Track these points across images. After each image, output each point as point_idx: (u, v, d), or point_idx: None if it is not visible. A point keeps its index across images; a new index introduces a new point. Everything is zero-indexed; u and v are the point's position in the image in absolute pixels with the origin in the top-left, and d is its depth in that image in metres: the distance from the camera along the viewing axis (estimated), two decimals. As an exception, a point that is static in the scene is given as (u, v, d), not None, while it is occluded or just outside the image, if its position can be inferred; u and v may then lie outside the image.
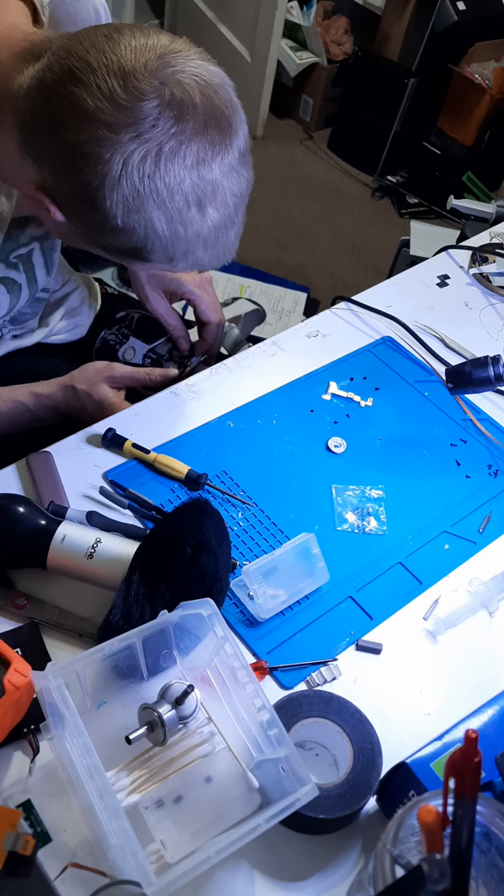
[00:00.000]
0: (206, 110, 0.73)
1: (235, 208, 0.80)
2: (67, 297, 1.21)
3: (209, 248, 0.81)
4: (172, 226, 0.77)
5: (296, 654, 0.85)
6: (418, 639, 0.88)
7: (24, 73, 0.76)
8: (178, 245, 0.79)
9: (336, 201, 3.13)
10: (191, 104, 0.72)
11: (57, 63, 0.73)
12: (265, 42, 2.99)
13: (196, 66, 0.74)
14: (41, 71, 0.74)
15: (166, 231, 0.77)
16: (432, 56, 2.97)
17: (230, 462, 1.01)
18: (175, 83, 0.72)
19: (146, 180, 0.73)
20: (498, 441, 1.09)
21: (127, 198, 0.74)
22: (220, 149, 0.75)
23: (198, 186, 0.75)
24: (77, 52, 0.72)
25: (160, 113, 0.71)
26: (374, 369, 1.16)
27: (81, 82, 0.71)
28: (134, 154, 0.72)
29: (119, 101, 0.71)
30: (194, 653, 0.80)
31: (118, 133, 0.71)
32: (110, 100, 0.71)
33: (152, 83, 0.71)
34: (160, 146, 0.72)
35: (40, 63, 0.75)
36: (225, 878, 0.70)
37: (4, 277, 1.01)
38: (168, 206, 0.75)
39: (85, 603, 0.85)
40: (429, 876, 0.51)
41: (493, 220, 2.27)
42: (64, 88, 0.72)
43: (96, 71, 0.71)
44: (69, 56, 0.72)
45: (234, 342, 1.29)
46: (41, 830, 0.70)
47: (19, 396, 1.05)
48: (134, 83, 0.71)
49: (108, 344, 1.22)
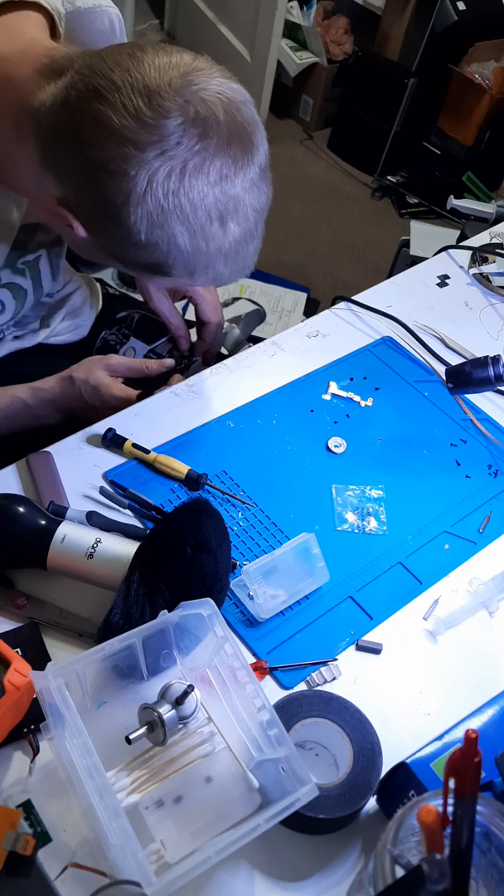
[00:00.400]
0: (230, 127, 0.75)
1: (255, 223, 0.81)
2: (69, 298, 1.21)
3: (229, 263, 0.82)
4: (195, 241, 0.78)
5: (296, 654, 0.85)
6: (418, 639, 0.88)
7: (45, 89, 0.77)
8: (200, 260, 0.80)
9: (336, 201, 3.13)
10: (214, 121, 0.74)
11: (81, 81, 0.74)
12: (265, 42, 2.99)
13: (219, 84, 0.75)
14: (65, 89, 0.75)
15: (188, 246, 0.78)
16: (432, 56, 2.97)
17: (230, 462, 1.01)
18: (199, 101, 0.73)
19: (170, 196, 0.74)
20: (498, 441, 1.09)
21: (151, 214, 0.75)
22: (243, 165, 0.76)
23: (220, 202, 0.76)
24: (101, 71, 0.73)
25: (185, 130, 0.72)
26: (374, 369, 1.16)
27: (106, 100, 0.72)
28: (159, 171, 0.73)
29: (144, 119, 0.72)
30: (194, 653, 0.80)
31: (143, 151, 0.72)
32: (135, 117, 0.72)
33: (177, 101, 0.72)
34: (185, 163, 0.73)
35: (63, 80, 0.76)
36: (225, 878, 0.70)
37: (10, 283, 1.01)
38: (191, 222, 0.76)
39: (85, 603, 0.85)
40: (429, 876, 0.51)
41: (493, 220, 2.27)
42: (89, 106, 0.73)
43: (121, 89, 0.72)
44: (93, 74, 0.73)
45: (235, 342, 1.29)
46: (41, 830, 0.70)
47: (17, 392, 1.05)
48: (159, 101, 0.72)
49: (109, 344, 1.22)
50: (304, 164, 3.26)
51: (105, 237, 0.81)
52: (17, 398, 1.05)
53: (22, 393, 1.05)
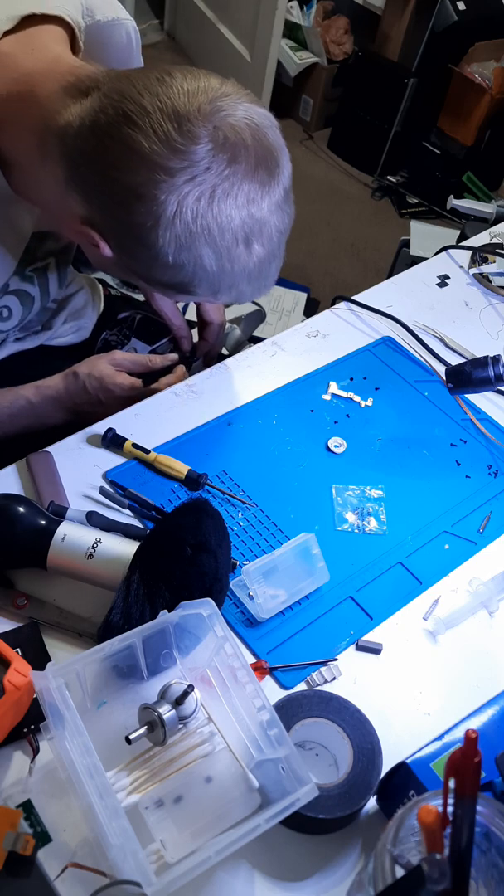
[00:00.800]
0: (257, 152, 0.76)
1: (279, 243, 0.83)
2: (71, 300, 1.21)
3: (252, 282, 0.84)
4: (220, 262, 0.79)
5: (296, 654, 0.85)
6: (418, 639, 0.88)
7: (70, 109, 0.78)
8: (224, 280, 0.82)
9: (336, 201, 3.13)
10: (243, 146, 0.75)
11: (111, 105, 0.75)
12: (265, 42, 2.99)
13: (246, 110, 0.76)
14: (94, 112, 0.76)
15: (214, 267, 0.80)
16: (432, 56, 2.97)
17: (230, 462, 1.01)
18: (227, 126, 0.75)
19: (199, 219, 0.76)
20: (498, 441, 1.09)
21: (179, 237, 0.77)
22: (269, 188, 0.78)
23: (246, 224, 0.78)
24: (131, 96, 0.74)
25: (214, 156, 0.74)
26: (374, 369, 1.16)
27: (137, 125, 0.73)
28: (189, 196, 0.74)
29: (174, 145, 0.73)
30: (194, 653, 0.80)
31: (173, 176, 0.73)
32: (166, 143, 0.73)
33: (206, 127, 0.73)
34: (214, 188, 0.75)
35: (89, 101, 0.77)
36: (225, 878, 0.70)
37: (19, 290, 1.01)
38: (218, 244, 0.78)
39: (85, 603, 0.85)
40: (429, 876, 0.51)
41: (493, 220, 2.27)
42: (119, 131, 0.74)
43: (151, 114, 0.73)
44: (123, 99, 0.74)
45: (236, 342, 1.29)
46: (41, 830, 0.70)
47: (20, 391, 1.05)
48: (188, 126, 0.73)
49: (110, 345, 1.22)
50: (304, 164, 3.26)
51: (131, 257, 0.82)
52: (21, 396, 1.05)
53: (25, 391, 1.05)
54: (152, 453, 0.99)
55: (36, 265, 1.03)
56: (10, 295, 1.01)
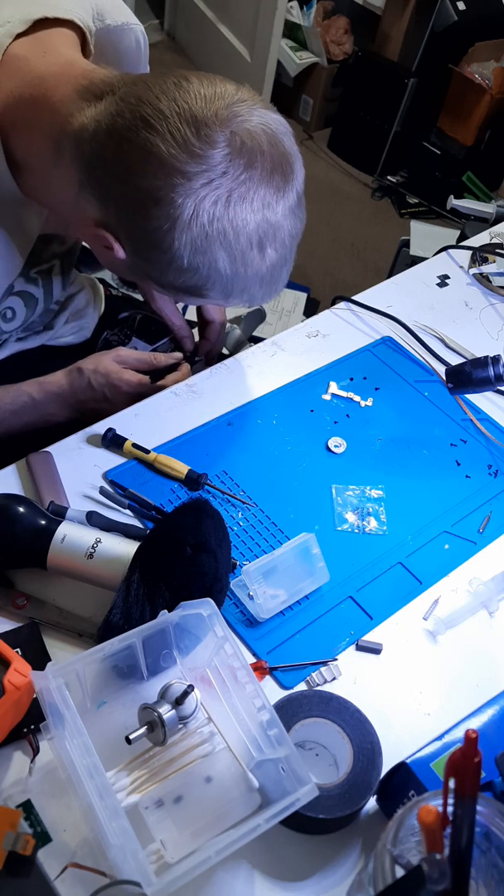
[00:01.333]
0: (273, 158, 0.77)
1: (291, 248, 0.84)
2: (72, 300, 1.21)
3: (264, 286, 0.85)
4: (234, 265, 0.80)
5: (296, 654, 0.85)
6: (418, 639, 0.88)
7: (84, 112, 0.78)
8: (237, 284, 0.83)
9: (336, 201, 3.13)
10: (259, 152, 0.76)
11: (128, 109, 0.75)
12: (265, 42, 2.99)
13: (262, 116, 0.77)
14: (111, 116, 0.76)
15: (228, 271, 0.81)
16: (432, 56, 2.97)
17: (230, 462, 1.01)
18: (244, 132, 0.75)
19: (215, 223, 0.77)
20: (498, 441, 1.09)
21: (195, 240, 0.77)
22: (284, 193, 0.79)
23: (261, 228, 0.79)
24: (149, 100, 0.75)
25: (231, 161, 0.75)
26: (374, 369, 1.16)
27: (155, 129, 0.74)
28: (205, 199, 0.75)
29: (192, 149, 0.74)
30: (194, 653, 0.80)
31: (191, 180, 0.74)
32: (184, 147, 0.74)
33: (224, 132, 0.74)
34: (230, 192, 0.76)
35: (104, 105, 0.77)
36: (225, 878, 0.70)
37: (23, 291, 1.01)
38: (233, 248, 0.79)
39: (85, 603, 0.85)
40: (429, 876, 0.51)
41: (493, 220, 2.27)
42: (137, 135, 0.74)
43: (169, 119, 0.74)
44: (140, 103, 0.75)
45: (236, 342, 1.29)
46: (41, 830, 0.70)
47: (23, 387, 1.05)
48: (206, 131, 0.74)
49: (111, 345, 1.22)
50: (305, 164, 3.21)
51: (146, 260, 0.82)
52: (24, 393, 1.05)
53: (28, 388, 1.05)
54: (152, 453, 0.99)
55: (41, 267, 1.03)
56: (14, 296, 1.01)
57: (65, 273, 1.08)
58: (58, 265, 1.06)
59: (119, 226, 0.81)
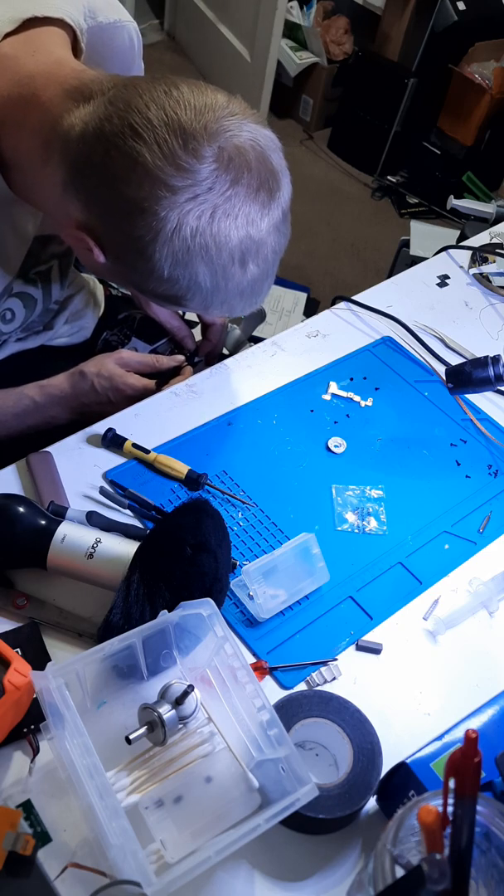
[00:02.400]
0: (260, 174, 0.77)
1: (273, 263, 0.83)
2: (72, 300, 1.21)
3: (244, 299, 0.85)
4: (215, 279, 0.80)
5: (296, 654, 0.85)
6: (418, 639, 0.88)
7: (73, 113, 0.77)
8: (217, 297, 0.82)
9: (336, 201, 3.13)
10: (246, 168, 0.76)
11: (117, 115, 0.74)
12: (265, 42, 2.99)
13: (252, 131, 0.77)
14: (99, 120, 0.75)
15: (209, 284, 0.80)
16: (432, 56, 2.97)
17: (230, 462, 1.01)
18: (232, 147, 0.75)
19: (198, 237, 0.76)
20: (498, 441, 1.09)
21: (176, 252, 0.77)
22: (269, 210, 0.79)
23: (244, 244, 0.78)
24: (137, 107, 0.74)
25: (217, 176, 0.74)
26: (374, 369, 1.16)
27: (142, 139, 0.73)
28: (189, 214, 0.75)
29: (179, 162, 0.73)
30: (194, 653, 0.80)
31: (176, 193, 0.74)
32: (170, 159, 0.73)
33: (212, 146, 0.74)
34: (215, 207, 0.75)
35: (92, 107, 0.76)
36: (225, 878, 0.70)
37: (22, 292, 1.01)
38: (214, 262, 0.78)
39: (85, 603, 0.85)
40: (429, 876, 0.51)
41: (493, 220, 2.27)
42: (124, 143, 0.74)
43: (157, 129, 0.73)
44: (129, 109, 0.74)
45: (236, 342, 1.29)
46: (41, 830, 0.70)
47: (25, 391, 1.05)
48: (194, 145, 0.73)
49: (111, 345, 1.22)
50: (304, 164, 3.26)
51: (126, 267, 0.82)
52: (26, 396, 1.05)
53: (30, 391, 1.05)
54: (152, 453, 0.99)
55: (39, 268, 1.03)
56: (13, 298, 1.01)
57: (63, 273, 1.08)
58: (56, 266, 1.06)
59: (101, 230, 0.80)
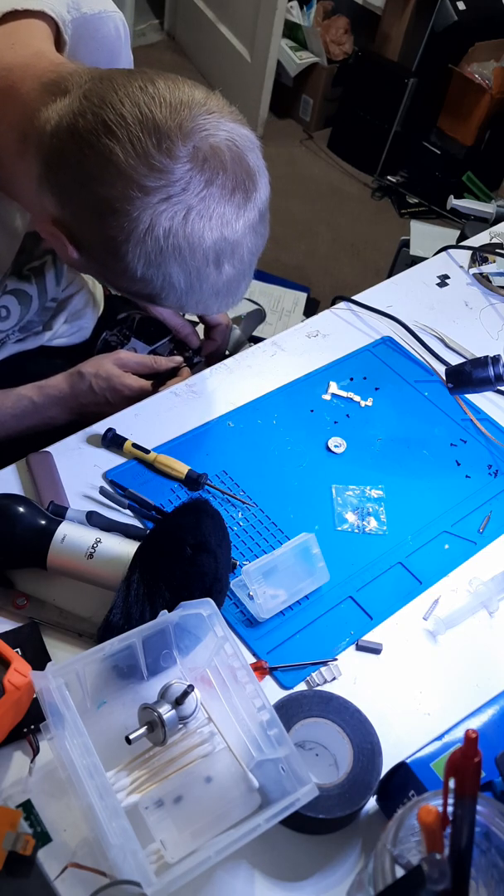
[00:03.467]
0: (236, 175, 0.75)
1: (249, 264, 0.82)
2: (71, 300, 1.21)
3: (220, 298, 0.83)
4: (189, 280, 0.79)
5: (296, 654, 0.85)
6: (418, 639, 0.88)
7: (50, 107, 0.76)
8: (192, 297, 0.81)
9: (336, 201, 3.13)
10: (221, 169, 0.74)
11: (90, 111, 0.73)
12: (265, 42, 2.99)
13: (228, 130, 0.75)
14: (73, 115, 0.74)
15: (183, 285, 0.79)
16: (432, 56, 2.97)
17: (230, 462, 1.01)
18: (208, 147, 0.73)
19: (171, 238, 0.75)
20: (498, 441, 1.09)
21: (149, 253, 0.76)
22: (245, 211, 0.77)
23: (218, 245, 0.77)
24: (111, 103, 0.72)
25: (191, 177, 0.73)
26: (374, 369, 1.16)
27: (116, 136, 0.72)
28: (162, 215, 0.73)
29: (152, 162, 0.72)
30: (194, 653, 0.80)
31: (148, 194, 0.72)
32: (143, 158, 0.72)
33: (186, 146, 0.72)
34: (188, 208, 0.74)
35: (69, 100, 0.75)
36: (225, 878, 0.70)
37: (16, 289, 1.01)
38: (188, 263, 0.77)
39: (85, 603, 0.85)
40: (429, 876, 0.51)
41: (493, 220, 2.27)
42: (98, 141, 0.72)
43: (130, 126, 0.72)
44: (103, 105, 0.73)
45: (236, 342, 1.29)
46: (41, 830, 0.70)
47: (23, 391, 1.05)
48: (168, 144, 0.72)
49: (110, 345, 1.22)
50: (304, 164, 3.26)
51: (100, 265, 0.81)
52: (24, 397, 1.05)
53: (28, 392, 1.05)
54: (152, 453, 0.99)
55: (33, 264, 1.02)
56: (7, 295, 1.00)
57: (58, 269, 1.08)
58: (50, 261, 1.05)
59: (75, 228, 0.79)
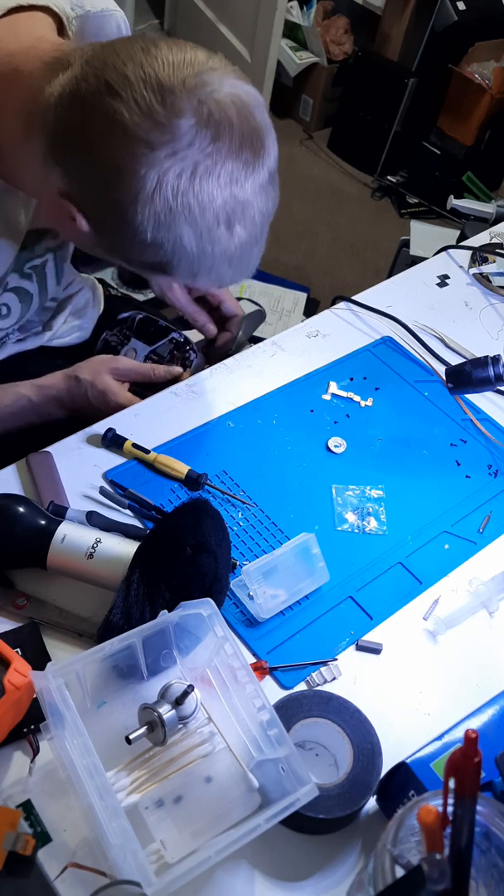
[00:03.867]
0: (242, 130, 0.74)
1: (262, 227, 0.80)
2: (71, 300, 1.21)
3: (233, 266, 0.82)
4: (201, 243, 0.77)
5: (296, 654, 0.85)
6: (418, 639, 0.88)
7: (53, 82, 0.76)
8: (205, 262, 0.80)
9: (336, 201, 3.12)
10: (227, 124, 0.73)
11: (93, 74, 0.72)
12: (265, 42, 2.99)
13: (232, 86, 0.74)
14: (75, 80, 0.74)
15: (194, 248, 0.78)
16: (432, 56, 2.97)
17: (230, 462, 1.01)
18: (212, 102, 0.72)
19: (179, 197, 0.73)
20: (498, 441, 1.09)
21: (158, 213, 0.74)
22: (253, 168, 0.76)
23: (229, 205, 0.75)
24: (114, 64, 0.72)
25: (197, 132, 0.72)
26: (374, 369, 1.16)
27: (118, 96, 0.71)
28: (169, 171, 0.72)
29: (156, 118, 0.71)
30: (194, 653, 0.80)
31: (154, 150, 0.71)
32: (148, 115, 0.71)
33: (191, 101, 0.71)
34: (195, 164, 0.72)
35: (70, 71, 0.75)
36: (225, 878, 0.70)
37: (17, 287, 1.01)
38: (198, 224, 0.76)
39: (85, 603, 0.85)
40: (429, 876, 0.51)
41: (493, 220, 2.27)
42: (101, 102, 0.71)
43: (133, 84, 0.71)
44: (105, 67, 0.72)
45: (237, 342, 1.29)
46: (41, 830, 0.70)
47: (21, 389, 1.05)
48: (172, 99, 0.71)
49: (110, 345, 1.22)
50: (304, 164, 3.26)
51: (110, 233, 0.80)
52: (22, 395, 1.05)
53: (26, 390, 1.05)
54: (152, 453, 0.99)
55: (34, 262, 1.02)
56: (8, 292, 1.00)
57: (59, 267, 1.07)
58: (51, 259, 1.05)
59: (82, 197, 0.78)
